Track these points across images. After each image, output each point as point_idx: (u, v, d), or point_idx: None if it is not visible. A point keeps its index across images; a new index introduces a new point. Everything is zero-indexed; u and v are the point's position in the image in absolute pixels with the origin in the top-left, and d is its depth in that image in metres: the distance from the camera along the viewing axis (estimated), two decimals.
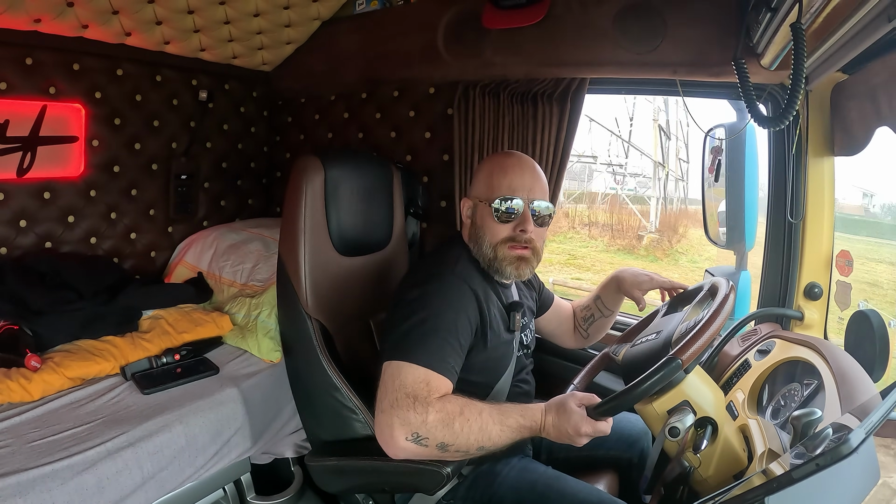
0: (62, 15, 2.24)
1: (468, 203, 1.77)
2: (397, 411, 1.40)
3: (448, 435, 1.40)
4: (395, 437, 1.40)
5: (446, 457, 1.44)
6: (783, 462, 1.09)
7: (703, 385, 1.52)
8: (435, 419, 1.40)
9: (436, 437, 1.40)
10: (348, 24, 2.94)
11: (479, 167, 1.80)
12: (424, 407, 1.40)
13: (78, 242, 2.73)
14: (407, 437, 1.40)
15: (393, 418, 1.41)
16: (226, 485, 2.19)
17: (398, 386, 1.43)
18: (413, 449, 1.41)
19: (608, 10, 2.23)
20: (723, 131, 2.19)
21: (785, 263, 2.13)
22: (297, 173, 1.89)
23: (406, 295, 1.59)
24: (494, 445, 1.44)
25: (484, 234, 1.69)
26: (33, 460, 1.66)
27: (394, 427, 1.40)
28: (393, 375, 1.45)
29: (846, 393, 1.43)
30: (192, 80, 3.01)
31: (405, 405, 1.40)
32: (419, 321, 1.51)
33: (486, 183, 1.71)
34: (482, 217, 1.70)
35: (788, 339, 1.85)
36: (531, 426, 1.47)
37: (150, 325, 2.41)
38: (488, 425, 1.43)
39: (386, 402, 1.43)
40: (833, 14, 1.29)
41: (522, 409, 1.48)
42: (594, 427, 1.42)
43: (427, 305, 1.54)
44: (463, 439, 1.41)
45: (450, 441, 1.40)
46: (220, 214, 3.31)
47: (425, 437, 1.40)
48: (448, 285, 1.60)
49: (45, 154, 2.51)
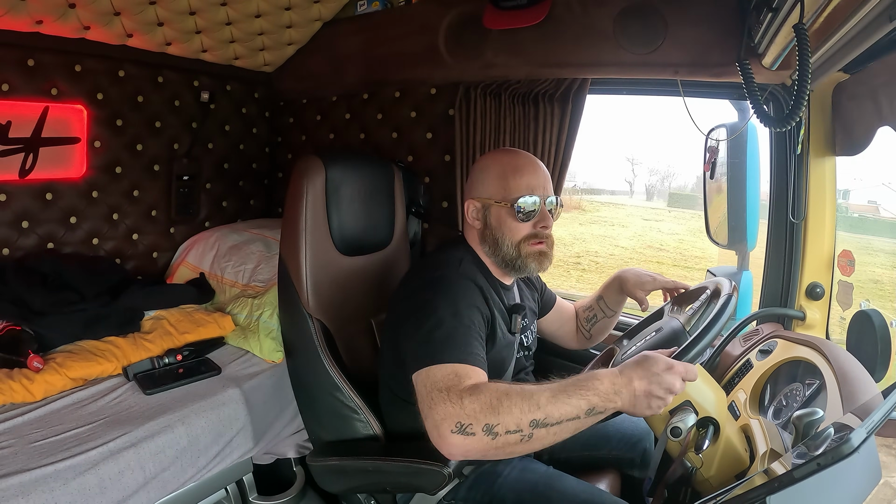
0: (64, 16, 2.24)
1: (475, 204, 1.74)
2: (435, 409, 1.33)
3: (491, 416, 1.28)
4: (442, 436, 1.30)
5: (501, 447, 1.29)
6: (785, 462, 1.09)
7: (704, 385, 1.52)
8: (472, 403, 1.30)
9: (479, 420, 1.28)
10: (349, 26, 2.94)
11: (483, 167, 1.78)
12: (458, 395, 1.32)
13: (80, 243, 2.73)
14: (452, 429, 1.29)
15: (434, 418, 1.32)
16: (228, 485, 2.19)
17: (430, 387, 1.37)
18: (463, 442, 1.28)
19: (609, 10, 2.23)
20: (723, 132, 2.19)
21: (786, 263, 2.13)
22: (298, 174, 1.90)
23: (414, 300, 1.57)
24: (548, 417, 1.28)
25: (504, 235, 1.69)
26: (35, 461, 1.67)
27: (438, 426, 1.30)
28: (423, 382, 1.40)
29: (848, 393, 1.43)
30: (193, 81, 3.01)
31: (440, 400, 1.33)
32: (436, 324, 1.48)
33: (499, 184, 1.70)
34: (499, 218, 1.69)
35: (790, 339, 1.85)
36: (596, 389, 1.31)
37: (152, 325, 2.41)
38: (535, 396, 1.30)
39: (425, 407, 1.36)
40: (834, 14, 1.29)
41: (578, 378, 1.36)
42: (686, 368, 1.32)
43: (439, 307, 1.51)
44: (509, 417, 1.28)
45: (494, 421, 1.27)
46: (221, 215, 3.32)
47: (468, 423, 1.28)
48: (457, 285, 1.59)
49: (47, 155, 2.52)
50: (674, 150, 43.55)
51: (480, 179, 1.75)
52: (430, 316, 1.49)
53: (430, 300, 1.54)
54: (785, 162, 2.09)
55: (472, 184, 1.78)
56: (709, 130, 2.23)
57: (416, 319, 1.51)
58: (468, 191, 1.79)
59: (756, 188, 2.17)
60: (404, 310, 1.59)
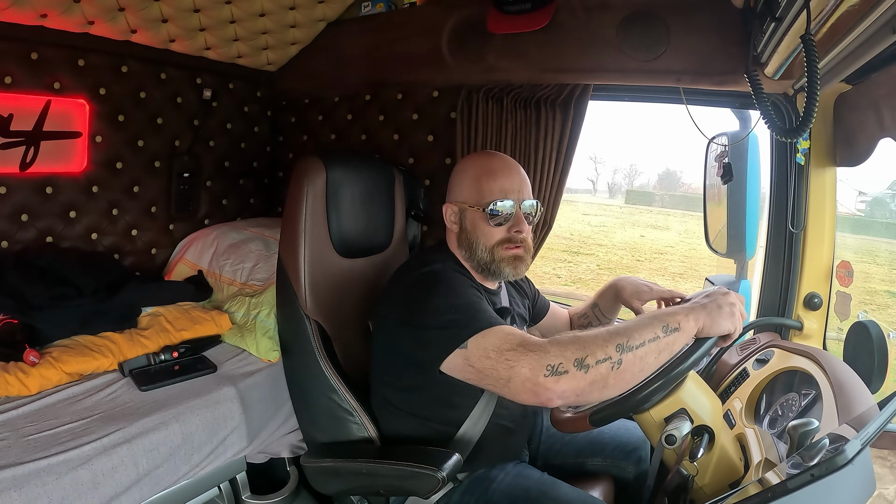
0: (68, 11, 2.24)
1: (452, 208, 1.74)
2: (518, 366, 1.29)
3: (578, 350, 1.27)
4: (538, 385, 1.27)
5: (595, 381, 1.27)
6: (779, 471, 1.09)
7: (700, 393, 1.52)
8: (554, 345, 1.30)
9: (568, 358, 1.26)
10: (353, 27, 2.94)
11: (461, 170, 1.78)
12: (535, 344, 1.32)
13: (79, 238, 2.73)
14: (544, 374, 1.26)
15: (521, 373, 1.29)
16: (221, 483, 2.19)
17: (496, 353, 1.34)
18: (558, 383, 1.25)
19: (612, 17, 2.24)
20: (725, 140, 2.19)
21: (785, 273, 2.14)
22: (299, 174, 1.90)
23: (414, 296, 1.55)
24: (631, 339, 1.28)
25: (478, 239, 1.68)
26: (29, 454, 1.66)
27: (529, 378, 1.28)
28: (481, 354, 1.36)
29: (844, 404, 1.43)
30: (196, 78, 3.02)
31: (518, 355, 1.31)
32: (452, 304, 1.47)
33: (473, 187, 1.69)
34: (473, 222, 1.69)
35: (787, 348, 1.85)
36: (665, 312, 1.35)
37: (149, 322, 2.41)
38: (611, 328, 1.32)
39: (503, 371, 1.32)
40: (837, 25, 1.29)
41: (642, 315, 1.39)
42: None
43: (444, 292, 1.51)
44: (595, 347, 1.27)
45: (582, 354, 1.26)
46: (221, 213, 3.32)
47: (558, 363, 1.26)
48: (452, 275, 1.60)
49: (49, 149, 2.51)
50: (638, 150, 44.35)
51: (457, 182, 1.75)
52: (441, 300, 1.49)
53: (431, 290, 1.53)
54: (785, 171, 2.09)
55: (450, 187, 1.78)
56: (710, 139, 2.23)
57: (427, 310, 1.49)
58: (448, 194, 1.78)
59: (756, 197, 2.18)
60: (405, 311, 1.56)
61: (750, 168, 2.15)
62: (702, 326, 1.34)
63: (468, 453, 1.70)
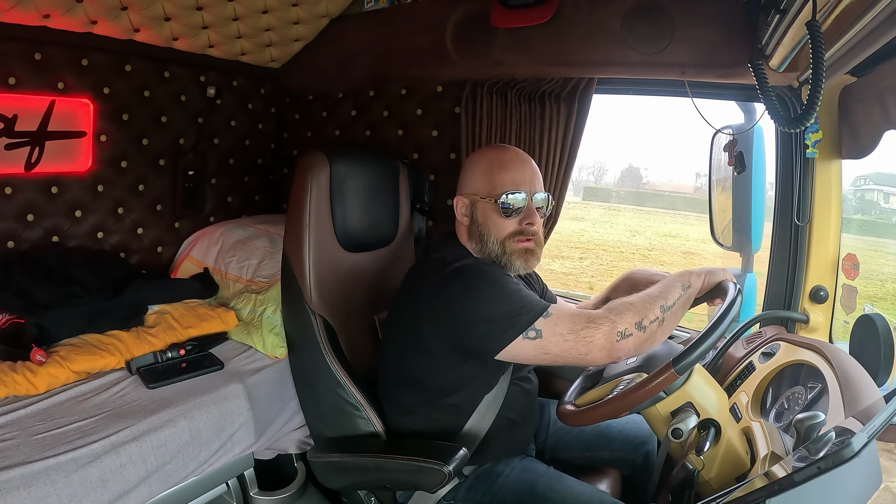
0: (71, 10, 2.25)
1: (463, 201, 1.75)
2: (596, 336, 1.47)
3: (637, 316, 1.49)
4: (614, 348, 1.47)
5: (649, 337, 1.50)
6: (786, 465, 1.09)
7: (706, 387, 1.52)
8: (612, 314, 1.49)
9: (631, 323, 1.48)
10: (356, 22, 2.94)
11: (472, 163, 1.78)
12: (596, 317, 1.49)
13: (85, 237, 2.74)
14: (616, 340, 1.47)
15: (599, 342, 1.47)
16: (229, 479, 2.19)
17: (569, 331, 1.48)
18: (626, 344, 1.48)
19: (616, 10, 2.23)
20: (731, 132, 2.18)
21: (791, 266, 2.13)
22: (302, 170, 1.90)
23: (452, 291, 1.57)
24: (667, 301, 1.54)
25: (489, 231, 1.69)
26: (38, 453, 1.67)
27: (605, 346, 1.47)
28: (558, 333, 1.49)
29: (850, 397, 1.43)
30: (200, 76, 3.01)
31: (593, 329, 1.47)
32: (503, 292, 1.54)
33: (485, 179, 1.70)
34: (484, 214, 1.70)
35: (793, 342, 1.85)
36: (676, 278, 1.62)
37: (155, 319, 2.42)
38: (652, 293, 1.56)
39: (581, 346, 1.48)
40: (842, 16, 1.29)
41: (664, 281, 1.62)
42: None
43: (488, 283, 1.56)
44: (648, 311, 1.50)
45: (640, 318, 1.49)
46: (226, 210, 3.32)
47: (624, 328, 1.47)
48: (487, 268, 1.64)
49: (53, 149, 2.51)
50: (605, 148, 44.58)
51: (469, 174, 1.76)
52: (490, 292, 1.54)
53: (475, 283, 1.56)
54: (791, 164, 2.08)
55: (462, 179, 1.80)
56: (715, 132, 2.22)
57: (475, 304, 1.53)
58: (458, 187, 1.79)
59: (761, 190, 2.17)
60: (443, 306, 1.57)
61: (755, 161, 2.15)
62: (703, 282, 1.61)
63: (475, 448, 1.70)
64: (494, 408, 1.74)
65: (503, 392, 1.76)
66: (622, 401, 1.46)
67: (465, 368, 1.65)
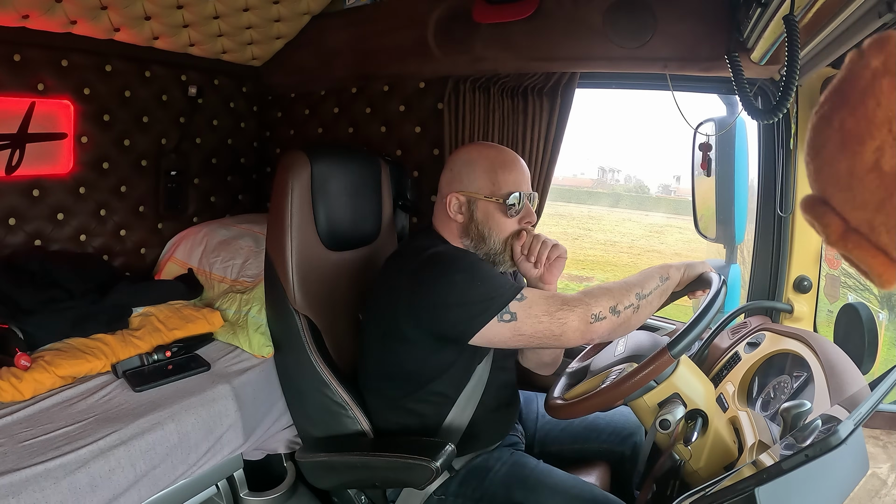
0: (50, 11, 2.22)
1: (460, 199, 1.74)
2: (570, 317, 1.50)
3: (612, 300, 1.53)
4: (588, 330, 1.51)
5: (623, 322, 1.54)
6: (773, 453, 1.10)
7: (693, 378, 1.54)
8: (587, 297, 1.53)
9: (605, 306, 1.51)
10: (338, 19, 2.92)
11: (470, 161, 1.77)
12: (570, 300, 1.53)
13: (68, 240, 2.71)
14: (590, 322, 1.50)
15: (572, 324, 1.50)
16: (219, 481, 2.18)
17: (543, 313, 1.51)
18: (599, 326, 1.51)
19: (598, 5, 2.23)
20: (712, 126, 2.20)
21: (774, 257, 2.15)
22: (284, 169, 1.90)
23: (426, 277, 1.57)
24: (644, 289, 1.58)
25: (490, 230, 1.71)
26: (25, 460, 1.65)
27: (579, 327, 1.50)
28: (528, 325, 1.51)
29: (835, 385, 1.44)
30: (181, 75, 2.99)
31: (567, 311, 1.51)
32: (476, 281, 1.54)
33: (488, 178, 1.71)
34: (486, 213, 1.71)
35: (778, 331, 1.87)
36: (656, 269, 1.66)
37: (140, 322, 2.40)
38: (629, 280, 1.60)
39: (556, 328, 1.51)
40: (823, 9, 1.30)
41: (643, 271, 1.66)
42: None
43: (463, 267, 1.57)
44: (624, 297, 1.54)
45: (615, 303, 1.53)
46: (210, 211, 3.30)
47: (599, 311, 1.50)
48: (460, 252, 1.68)
49: (34, 151, 2.49)
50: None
51: (466, 173, 1.75)
52: (462, 275, 1.55)
53: (448, 268, 1.57)
54: (773, 156, 2.11)
55: (457, 177, 1.77)
56: (697, 125, 2.24)
57: (448, 288, 1.54)
58: (449, 183, 1.78)
59: (744, 182, 2.19)
60: (416, 294, 1.58)
61: (738, 153, 2.16)
62: (682, 275, 1.66)
63: (459, 439, 1.72)
64: (476, 396, 1.76)
65: (483, 381, 1.77)
66: (616, 389, 1.47)
67: (444, 355, 1.67)
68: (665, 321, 2.48)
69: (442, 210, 1.78)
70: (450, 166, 1.81)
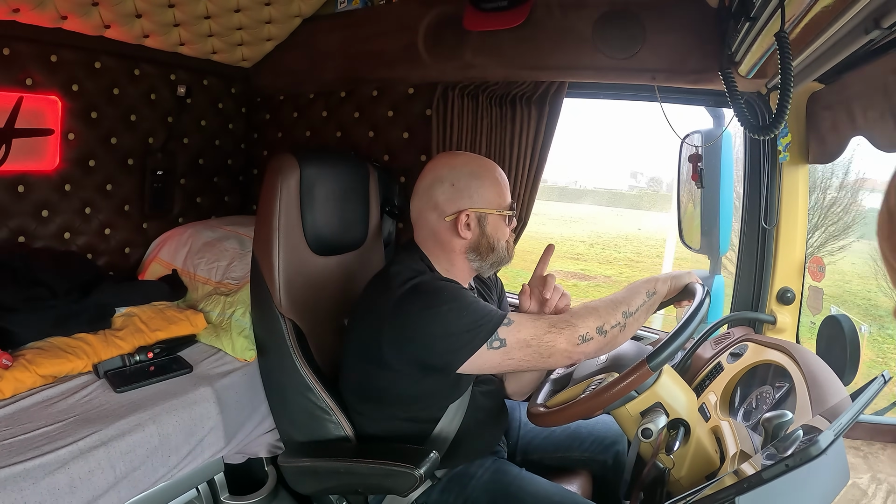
0: (41, 5, 2.20)
1: (472, 216, 1.67)
2: (558, 341, 1.51)
3: (598, 321, 1.54)
4: (575, 351, 1.52)
5: (610, 341, 1.56)
6: (754, 463, 1.11)
7: (675, 387, 1.54)
8: (574, 318, 1.54)
9: (592, 327, 1.52)
10: (329, 23, 2.92)
11: (477, 175, 1.69)
12: (565, 322, 1.53)
13: (51, 238, 2.68)
14: (577, 343, 1.51)
15: (560, 346, 1.52)
16: (199, 484, 2.17)
17: (533, 337, 1.52)
18: (587, 347, 1.53)
19: (588, 15, 2.25)
20: (698, 138, 2.22)
21: (758, 268, 2.18)
22: (273, 172, 1.89)
23: (421, 317, 1.53)
24: (630, 307, 1.59)
25: (499, 240, 1.72)
26: (4, 459, 1.63)
27: (567, 349, 1.52)
28: (517, 350, 1.51)
29: (817, 396, 1.46)
30: (170, 74, 2.98)
31: (555, 333, 1.52)
32: (462, 313, 1.52)
33: (495, 192, 1.70)
34: (496, 226, 1.70)
35: (761, 342, 1.88)
36: (643, 283, 1.67)
37: (123, 322, 2.38)
38: (615, 298, 1.61)
39: (545, 351, 1.52)
40: (811, 25, 1.31)
41: (630, 286, 1.67)
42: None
43: (447, 298, 1.55)
44: (610, 317, 1.55)
45: (601, 323, 1.54)
46: (195, 211, 3.28)
47: (585, 332, 1.52)
48: (443, 284, 1.63)
49: (21, 147, 2.46)
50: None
51: (476, 188, 1.68)
52: (448, 306, 1.53)
53: (433, 300, 1.55)
54: (759, 169, 2.13)
55: (464, 193, 1.68)
56: (684, 136, 2.25)
57: (434, 321, 1.52)
58: (454, 200, 1.68)
59: (729, 194, 2.21)
60: (402, 327, 1.55)
61: (724, 165, 2.19)
62: (668, 287, 1.67)
63: (445, 450, 1.71)
64: (461, 412, 1.76)
65: (467, 397, 1.77)
66: (596, 399, 1.47)
67: (428, 383, 1.65)
68: (650, 331, 2.49)
69: (443, 229, 1.70)
70: (449, 180, 1.69)
